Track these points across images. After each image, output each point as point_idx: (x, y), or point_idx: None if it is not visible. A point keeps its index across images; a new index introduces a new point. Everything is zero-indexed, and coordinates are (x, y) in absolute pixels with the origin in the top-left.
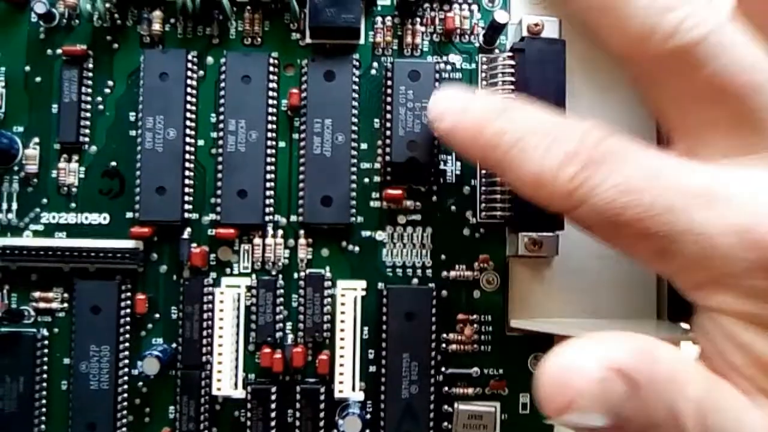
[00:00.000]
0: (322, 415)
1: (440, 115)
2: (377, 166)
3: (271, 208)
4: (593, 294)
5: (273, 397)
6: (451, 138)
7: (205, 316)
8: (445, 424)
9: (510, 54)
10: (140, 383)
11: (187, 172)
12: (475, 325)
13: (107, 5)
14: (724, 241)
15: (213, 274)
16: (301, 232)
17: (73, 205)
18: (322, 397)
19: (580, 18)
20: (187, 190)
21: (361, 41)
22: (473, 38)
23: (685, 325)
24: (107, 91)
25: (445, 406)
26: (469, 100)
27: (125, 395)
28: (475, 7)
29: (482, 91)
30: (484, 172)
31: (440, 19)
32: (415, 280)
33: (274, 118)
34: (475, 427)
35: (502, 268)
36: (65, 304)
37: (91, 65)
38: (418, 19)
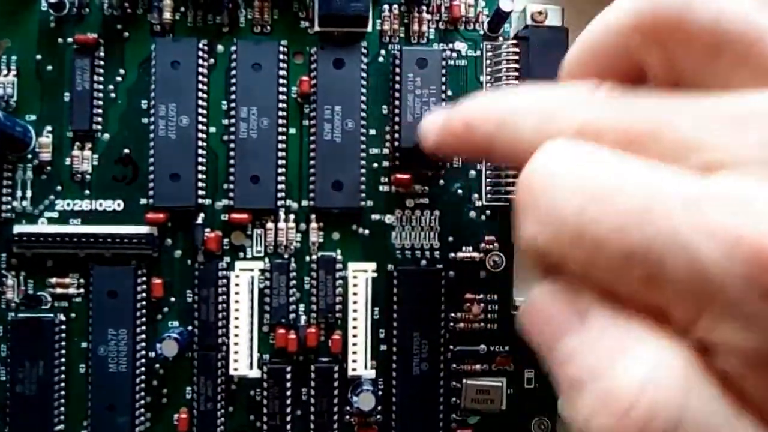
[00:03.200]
0: (336, 392)
1: (428, 130)
2: (386, 151)
3: (283, 193)
4: None
5: (288, 376)
6: (441, 146)
7: (220, 299)
8: (455, 399)
9: (514, 42)
10: (157, 365)
11: (200, 159)
12: (482, 304)
13: None
14: (710, 255)
15: (227, 258)
16: (313, 216)
17: (87, 192)
18: (336, 376)
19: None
20: (200, 176)
21: (369, 29)
22: (478, 26)
23: None
24: (119, 79)
25: (454, 382)
26: (450, 109)
27: (143, 377)
28: None
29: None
30: None
31: (446, 7)
32: (424, 262)
33: (285, 105)
34: (483, 401)
35: (507, 249)
36: (81, 290)
37: (102, 54)
38: (425, 8)
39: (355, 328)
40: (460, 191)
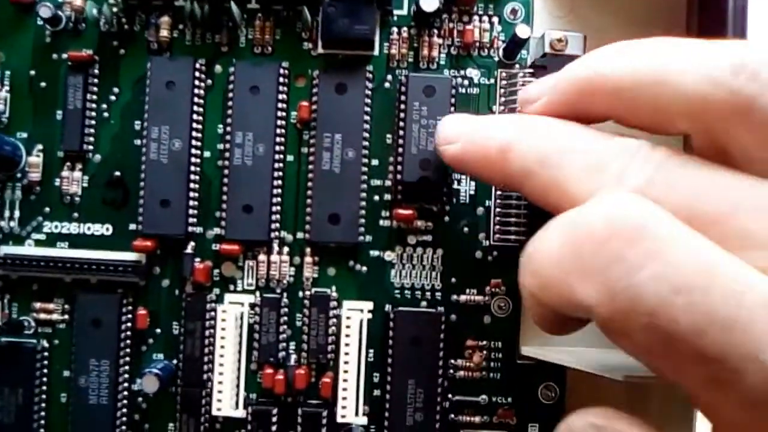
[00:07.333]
0: None
1: (449, 138)
2: (388, 183)
3: (277, 224)
4: None
5: (274, 419)
6: (462, 162)
7: (206, 333)
8: None
9: (531, 71)
10: (140, 399)
11: (192, 185)
12: (485, 352)
13: (114, 9)
14: None
15: (216, 290)
16: (308, 249)
17: (76, 214)
18: (324, 421)
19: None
20: (191, 203)
21: (375, 52)
22: (493, 52)
23: None
24: (113, 98)
25: None
26: (482, 121)
27: (124, 411)
28: (495, 20)
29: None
30: (499, 193)
31: (459, 31)
32: (424, 303)
33: (283, 131)
34: None
35: (514, 293)
36: (66, 316)
37: (96, 71)
38: (436, 31)
39: (346, 372)
40: (466, 229)
